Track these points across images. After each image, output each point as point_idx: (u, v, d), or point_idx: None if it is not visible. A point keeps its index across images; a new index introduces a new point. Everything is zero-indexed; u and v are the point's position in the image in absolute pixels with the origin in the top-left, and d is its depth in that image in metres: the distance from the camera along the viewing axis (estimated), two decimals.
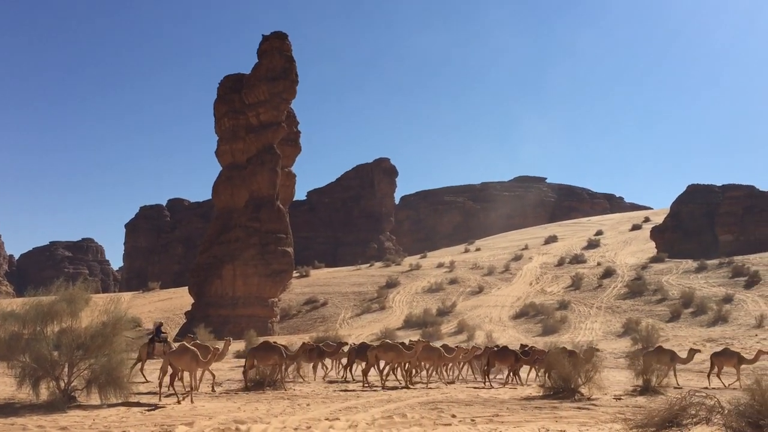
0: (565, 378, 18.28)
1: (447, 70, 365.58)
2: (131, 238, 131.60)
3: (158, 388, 16.67)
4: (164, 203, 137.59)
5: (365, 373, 21.31)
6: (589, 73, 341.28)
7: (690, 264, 58.18)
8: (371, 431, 12.63)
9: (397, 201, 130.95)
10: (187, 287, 61.66)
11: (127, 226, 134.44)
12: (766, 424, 11.82)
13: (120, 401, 15.61)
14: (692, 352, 22.17)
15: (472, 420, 13.89)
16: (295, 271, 66.59)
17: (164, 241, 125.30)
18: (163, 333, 24.83)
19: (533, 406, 16.25)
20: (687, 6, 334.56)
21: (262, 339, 34.47)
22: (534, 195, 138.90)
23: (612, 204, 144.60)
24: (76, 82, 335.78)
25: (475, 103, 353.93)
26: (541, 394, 18.64)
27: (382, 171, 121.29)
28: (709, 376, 21.64)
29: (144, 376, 22.73)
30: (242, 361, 29.30)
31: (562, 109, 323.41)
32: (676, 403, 12.77)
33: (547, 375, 19.52)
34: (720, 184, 76.11)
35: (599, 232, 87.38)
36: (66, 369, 15.49)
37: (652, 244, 72.56)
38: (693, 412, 12.57)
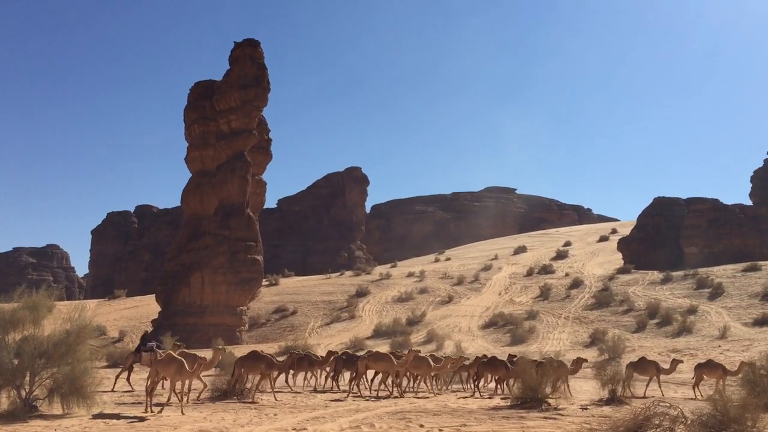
0: (532, 388, 18.40)
1: (420, 80, 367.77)
2: (97, 245, 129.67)
3: (147, 398, 16.41)
4: (132, 209, 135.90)
5: (354, 381, 21.37)
6: (559, 86, 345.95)
7: (656, 275, 59.04)
8: None
9: (368, 210, 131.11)
10: (154, 295, 60.84)
11: (93, 232, 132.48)
12: None
13: (97, 411, 15.36)
14: (675, 363, 22.43)
15: (440, 430, 13.91)
16: (264, 280, 66.14)
17: (131, 248, 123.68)
18: (150, 342, 24.62)
19: (501, 416, 16.32)
20: (655, 23, 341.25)
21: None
22: (504, 206, 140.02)
23: (580, 215, 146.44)
24: (41, 87, 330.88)
25: (447, 114, 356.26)
26: (509, 404, 18.73)
27: (353, 179, 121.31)
28: (695, 387, 21.73)
29: (130, 385, 22.42)
30: (211, 371, 28.99)
31: (534, 121, 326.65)
32: (640, 414, 12.95)
33: (515, 385, 19.68)
34: (685, 197, 77.64)
35: (568, 243, 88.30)
36: (27, 378, 15.18)
37: (619, 255, 73.53)
38: (657, 422, 12.77)
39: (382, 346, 41.09)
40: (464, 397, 21.10)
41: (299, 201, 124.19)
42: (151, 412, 15.47)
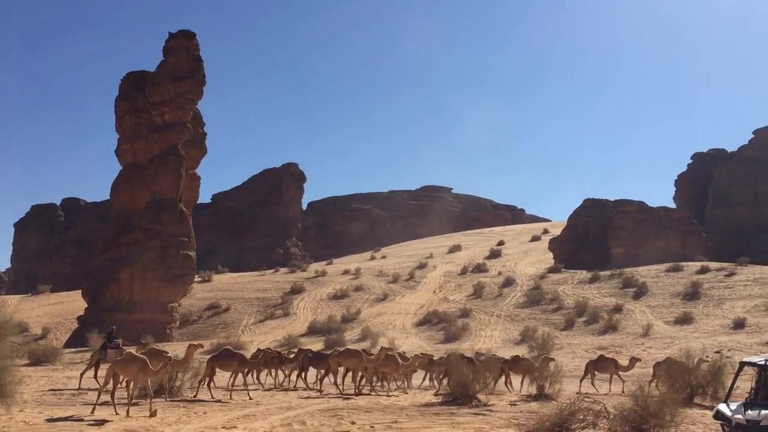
0: (463, 385, 18.68)
1: (358, 77, 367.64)
2: (20, 238, 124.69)
3: (98, 397, 15.77)
4: (58, 202, 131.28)
5: (320, 379, 21.75)
6: (494, 90, 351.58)
7: (584, 275, 60.73)
8: None
9: (304, 207, 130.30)
10: (80, 291, 58.91)
11: (16, 225, 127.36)
12: (648, 428, 12.51)
13: (19, 410, 14.73)
14: (633, 361, 23.16)
15: (372, 427, 13.96)
16: (197, 276, 64.91)
17: (57, 242, 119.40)
18: (116, 339, 23.93)
19: (432, 412, 16.49)
20: (586, 25, 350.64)
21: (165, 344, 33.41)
22: (440, 204, 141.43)
23: (514, 215, 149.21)
24: None
25: (384, 112, 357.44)
26: (440, 400, 18.95)
27: (290, 176, 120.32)
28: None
29: (98, 383, 21.73)
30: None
31: (470, 122, 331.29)
32: (565, 409, 13.33)
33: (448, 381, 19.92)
34: (613, 199, 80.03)
35: (501, 243, 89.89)
36: None
37: (550, 255, 75.32)
38: (581, 417, 13.16)
39: (316, 344, 40.97)
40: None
41: (234, 196, 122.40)
42: (117, 413, 14.94)
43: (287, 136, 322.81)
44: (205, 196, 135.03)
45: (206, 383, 19.22)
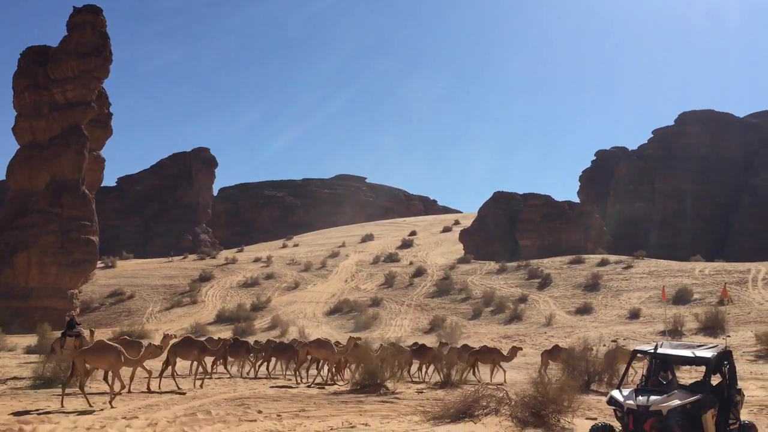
0: (372, 373, 18.82)
1: (274, 63, 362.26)
2: None
3: (64, 391, 14.85)
4: None
5: (296, 370, 21.31)
6: (409, 83, 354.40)
7: (492, 266, 62.31)
8: (172, 429, 12.16)
9: (215, 193, 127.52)
10: None
11: None
12: (547, 413, 12.98)
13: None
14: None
15: (278, 415, 13.87)
16: (100, 262, 62.56)
17: None
18: (77, 327, 22.77)
19: (340, 400, 16.54)
20: (498, 24, 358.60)
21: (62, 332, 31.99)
22: (353, 194, 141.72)
23: (426, 206, 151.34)
24: None
25: (300, 99, 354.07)
26: (348, 389, 19.03)
27: (200, 161, 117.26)
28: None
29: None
30: (32, 357, 27.10)
31: (385, 111, 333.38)
32: (469, 396, 13.66)
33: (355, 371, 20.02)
34: (522, 193, 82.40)
35: (413, 233, 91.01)
36: None
37: (461, 245, 76.87)
38: (484, 403, 13.53)
39: (225, 332, 40.31)
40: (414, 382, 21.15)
41: (141, 180, 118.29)
42: (90, 405, 14.22)
43: (198, 121, 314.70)
44: (109, 179, 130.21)
45: (171, 373, 18.75)
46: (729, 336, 33.50)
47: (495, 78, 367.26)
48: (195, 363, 20.40)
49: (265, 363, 23.23)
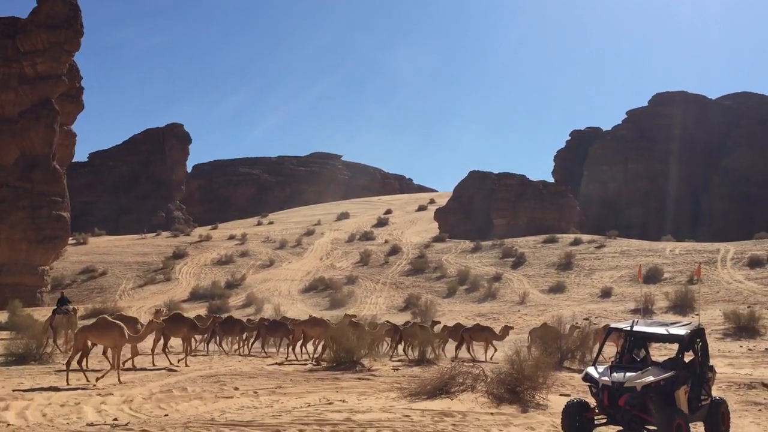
0: (348, 350, 18.86)
1: (248, 38, 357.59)
2: None
3: (68, 368, 14.57)
4: None
5: (292, 347, 21.34)
6: (385, 61, 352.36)
7: (467, 244, 62.61)
8: (148, 406, 12.10)
9: (189, 169, 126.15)
10: None
11: None
12: (522, 390, 13.14)
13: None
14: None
15: (255, 392, 13.87)
16: (71, 238, 61.68)
17: None
18: (70, 302, 22.61)
19: (316, 377, 16.58)
20: (471, 7, 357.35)
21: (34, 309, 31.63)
22: (329, 172, 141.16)
23: (402, 185, 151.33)
24: None
25: (275, 76, 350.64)
26: (324, 366, 19.06)
27: (174, 136, 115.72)
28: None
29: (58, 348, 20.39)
30: (3, 334, 26.73)
31: (361, 91, 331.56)
32: (446, 373, 13.77)
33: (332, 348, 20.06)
34: (497, 172, 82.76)
35: (389, 211, 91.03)
36: None
37: (436, 224, 77.12)
38: (461, 380, 13.65)
39: (199, 310, 40.15)
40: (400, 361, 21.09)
41: (114, 156, 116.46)
42: (88, 381, 14.07)
43: (172, 96, 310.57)
44: (81, 155, 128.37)
45: (162, 349, 18.66)
46: (698, 314, 34.16)
47: (472, 59, 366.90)
48: (185, 340, 20.35)
49: (260, 340, 23.24)
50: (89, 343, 15.02)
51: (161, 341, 19.13)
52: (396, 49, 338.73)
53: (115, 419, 10.70)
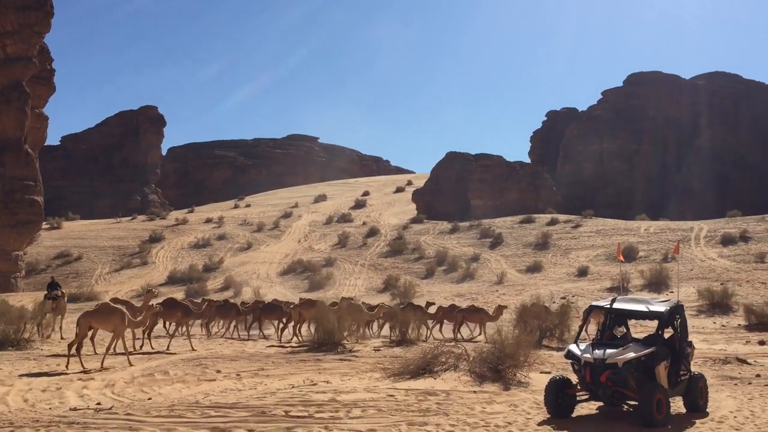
0: (329, 332, 18.90)
1: (222, 16, 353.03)
2: None
3: (70, 353, 14.49)
4: None
5: (290, 329, 21.40)
6: (361, 41, 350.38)
7: (445, 225, 62.82)
8: (130, 390, 12.05)
9: (164, 152, 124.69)
10: None
11: None
12: (504, 368, 13.29)
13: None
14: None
15: (238, 375, 13.87)
16: (45, 223, 60.76)
17: None
18: (59, 287, 22.43)
19: (298, 359, 16.61)
20: None
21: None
22: (306, 154, 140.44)
23: (379, 167, 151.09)
24: None
25: (250, 57, 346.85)
26: (306, 347, 19.09)
27: (148, 119, 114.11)
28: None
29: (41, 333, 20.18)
30: None
31: (337, 72, 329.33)
32: (429, 353, 13.88)
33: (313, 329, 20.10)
34: (474, 153, 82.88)
35: (366, 193, 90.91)
36: None
37: (413, 205, 77.20)
38: (443, 360, 13.77)
39: (177, 293, 39.85)
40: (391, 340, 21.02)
41: (87, 139, 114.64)
42: (84, 367, 13.98)
43: (145, 79, 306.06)
44: (53, 138, 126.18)
45: (147, 334, 18.61)
46: (672, 292, 34.73)
47: (448, 40, 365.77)
48: (178, 325, 20.48)
49: (256, 323, 23.22)
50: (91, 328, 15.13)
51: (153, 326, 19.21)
52: (372, 28, 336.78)
53: (98, 403, 10.65)
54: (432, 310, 23.85)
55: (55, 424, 9.14)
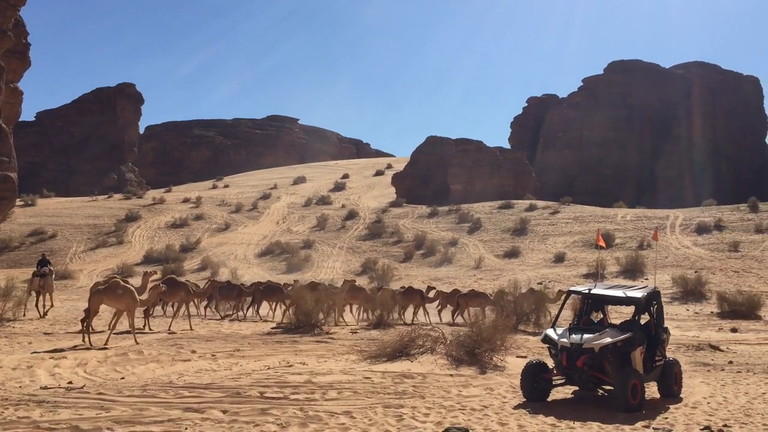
0: (306, 313, 18.83)
1: None
2: None
3: (86, 331, 14.56)
4: None
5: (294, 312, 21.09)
6: (342, 24, 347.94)
7: (424, 209, 62.88)
8: (103, 369, 11.89)
9: (141, 130, 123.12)
10: None
11: None
12: (480, 351, 13.30)
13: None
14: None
15: (213, 355, 13.75)
16: (19, 200, 59.77)
17: None
18: (49, 264, 22.55)
19: (274, 340, 16.52)
20: None
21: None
22: (286, 135, 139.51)
23: (359, 150, 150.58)
24: None
25: (230, 37, 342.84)
26: (282, 329, 19.00)
27: (125, 97, 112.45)
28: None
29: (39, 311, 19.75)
30: None
31: (319, 55, 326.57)
32: (406, 335, 13.85)
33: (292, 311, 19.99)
34: (455, 138, 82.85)
35: (346, 176, 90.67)
36: None
37: (393, 189, 77.14)
38: (420, 343, 13.75)
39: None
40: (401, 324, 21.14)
41: (63, 115, 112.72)
42: (91, 345, 13.99)
43: (122, 55, 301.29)
44: (28, 114, 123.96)
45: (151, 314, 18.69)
46: (647, 279, 35.10)
47: (430, 22, 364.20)
48: (180, 305, 20.45)
49: (255, 305, 23.15)
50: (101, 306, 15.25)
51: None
52: (357, 11, 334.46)
53: (70, 382, 10.49)
54: (431, 294, 23.87)
55: (24, 402, 8.98)
